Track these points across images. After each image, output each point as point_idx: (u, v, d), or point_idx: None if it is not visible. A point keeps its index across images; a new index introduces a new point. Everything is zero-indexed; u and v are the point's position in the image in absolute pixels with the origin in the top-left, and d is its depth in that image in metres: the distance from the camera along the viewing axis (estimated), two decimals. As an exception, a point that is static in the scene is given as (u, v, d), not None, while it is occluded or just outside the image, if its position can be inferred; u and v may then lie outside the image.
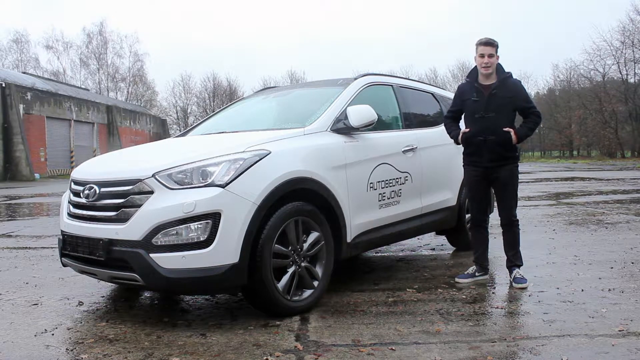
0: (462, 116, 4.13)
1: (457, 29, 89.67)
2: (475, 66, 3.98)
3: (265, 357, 2.57)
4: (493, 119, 3.85)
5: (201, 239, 2.89)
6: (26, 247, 6.09)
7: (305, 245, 3.31)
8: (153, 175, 3.01)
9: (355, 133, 3.81)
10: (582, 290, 3.64)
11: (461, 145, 4.08)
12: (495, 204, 4.26)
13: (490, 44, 3.87)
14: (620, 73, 42.76)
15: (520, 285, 3.78)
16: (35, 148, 28.11)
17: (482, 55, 3.87)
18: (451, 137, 4.13)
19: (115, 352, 2.70)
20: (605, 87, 42.89)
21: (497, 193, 4.04)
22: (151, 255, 2.89)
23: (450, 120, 4.16)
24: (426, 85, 5.42)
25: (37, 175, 26.83)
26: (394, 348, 2.67)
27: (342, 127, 3.74)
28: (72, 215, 3.41)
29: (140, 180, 3.03)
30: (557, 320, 3.02)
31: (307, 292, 3.31)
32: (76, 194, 3.41)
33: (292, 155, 3.34)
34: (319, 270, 3.38)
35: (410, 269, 4.52)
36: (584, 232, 6.10)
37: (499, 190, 4.01)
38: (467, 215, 5.03)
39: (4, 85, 26.64)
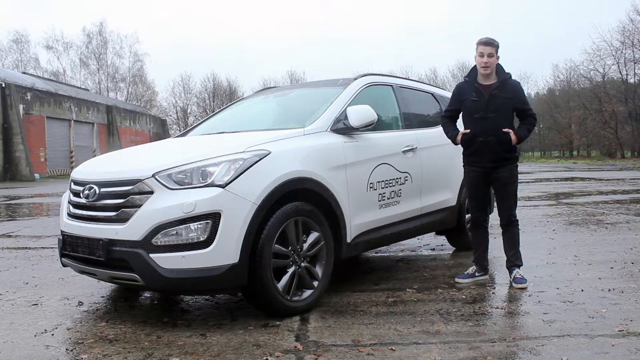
0: (460, 115, 4.13)
1: (457, 28, 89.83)
2: (475, 66, 3.98)
3: (265, 357, 2.57)
4: (493, 120, 3.85)
5: (201, 239, 2.89)
6: (26, 247, 6.08)
7: (305, 246, 3.31)
8: (153, 176, 3.01)
9: (355, 133, 3.80)
10: (582, 290, 3.64)
11: (460, 146, 4.08)
12: (495, 204, 4.26)
13: (490, 43, 3.86)
14: (620, 73, 42.82)
15: (520, 286, 3.78)
16: (35, 148, 28.11)
17: (481, 55, 3.86)
18: (449, 138, 4.13)
19: (115, 352, 2.70)
20: (605, 87, 42.89)
21: (497, 193, 4.04)
22: (151, 255, 2.89)
23: (447, 120, 4.15)
24: (426, 85, 5.42)
25: (37, 176, 26.83)
26: (394, 348, 2.67)
27: (342, 127, 3.73)
28: (72, 216, 3.41)
29: (140, 181, 3.03)
30: (557, 321, 3.02)
31: (307, 292, 3.31)
32: (76, 194, 3.41)
33: (292, 155, 3.34)
34: (318, 270, 3.38)
35: (410, 269, 4.52)
36: (584, 232, 6.10)
37: (498, 190, 4.01)
38: (467, 216, 5.03)
39: (4, 85, 26.64)
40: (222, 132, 4.07)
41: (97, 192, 3.19)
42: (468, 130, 3.94)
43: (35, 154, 28.05)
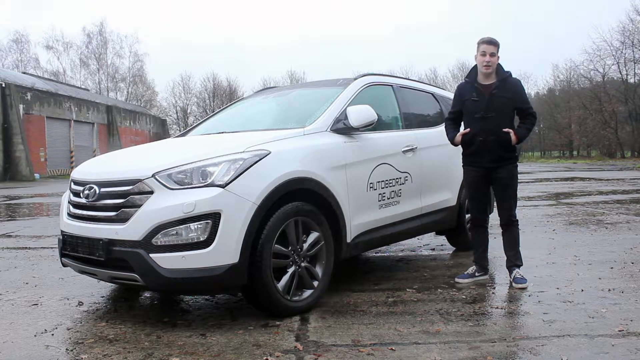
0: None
1: (457, 28, 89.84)
2: (475, 66, 3.98)
3: (265, 357, 2.57)
4: (493, 119, 3.85)
5: (201, 239, 2.89)
6: (26, 247, 6.08)
7: (305, 246, 3.31)
8: (153, 176, 3.01)
9: (355, 133, 3.80)
10: (582, 290, 3.64)
11: (460, 146, 4.08)
12: (495, 204, 4.26)
13: (493, 43, 3.86)
14: (620, 73, 42.82)
15: (520, 286, 3.78)
16: (35, 148, 28.10)
17: (483, 54, 3.86)
18: (449, 139, 4.13)
19: (115, 352, 2.70)
20: (605, 87, 42.92)
21: (497, 193, 4.04)
22: (151, 255, 2.89)
23: (450, 122, 4.14)
24: (426, 85, 5.42)
25: (37, 176, 26.83)
26: (394, 348, 2.67)
27: (342, 127, 3.73)
28: (72, 216, 3.41)
29: (140, 181, 3.03)
30: (557, 320, 3.02)
31: (307, 292, 3.31)
32: (76, 194, 3.41)
33: (292, 155, 3.34)
34: (318, 270, 3.38)
35: (410, 269, 4.52)
36: (584, 232, 6.10)
37: (498, 190, 4.01)
38: (467, 215, 5.03)
39: (4, 85, 26.64)
40: (222, 132, 4.07)
41: (97, 192, 3.19)
42: (467, 130, 3.94)
43: (35, 154, 28.05)
